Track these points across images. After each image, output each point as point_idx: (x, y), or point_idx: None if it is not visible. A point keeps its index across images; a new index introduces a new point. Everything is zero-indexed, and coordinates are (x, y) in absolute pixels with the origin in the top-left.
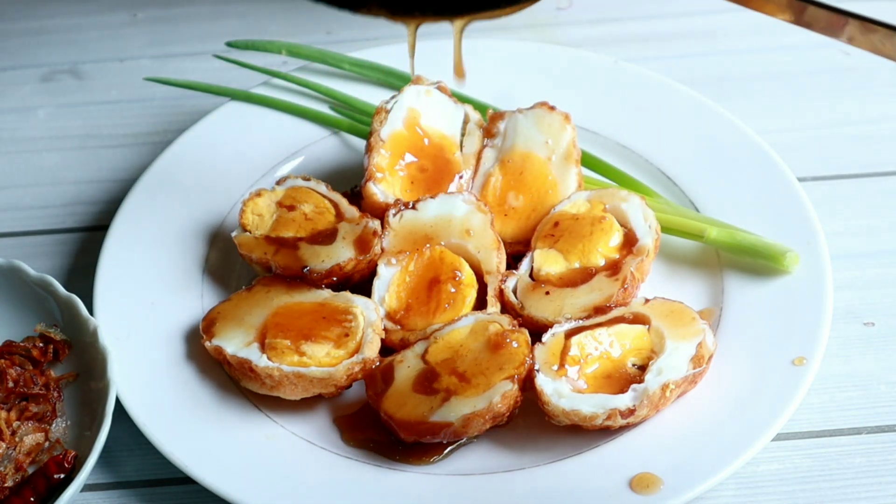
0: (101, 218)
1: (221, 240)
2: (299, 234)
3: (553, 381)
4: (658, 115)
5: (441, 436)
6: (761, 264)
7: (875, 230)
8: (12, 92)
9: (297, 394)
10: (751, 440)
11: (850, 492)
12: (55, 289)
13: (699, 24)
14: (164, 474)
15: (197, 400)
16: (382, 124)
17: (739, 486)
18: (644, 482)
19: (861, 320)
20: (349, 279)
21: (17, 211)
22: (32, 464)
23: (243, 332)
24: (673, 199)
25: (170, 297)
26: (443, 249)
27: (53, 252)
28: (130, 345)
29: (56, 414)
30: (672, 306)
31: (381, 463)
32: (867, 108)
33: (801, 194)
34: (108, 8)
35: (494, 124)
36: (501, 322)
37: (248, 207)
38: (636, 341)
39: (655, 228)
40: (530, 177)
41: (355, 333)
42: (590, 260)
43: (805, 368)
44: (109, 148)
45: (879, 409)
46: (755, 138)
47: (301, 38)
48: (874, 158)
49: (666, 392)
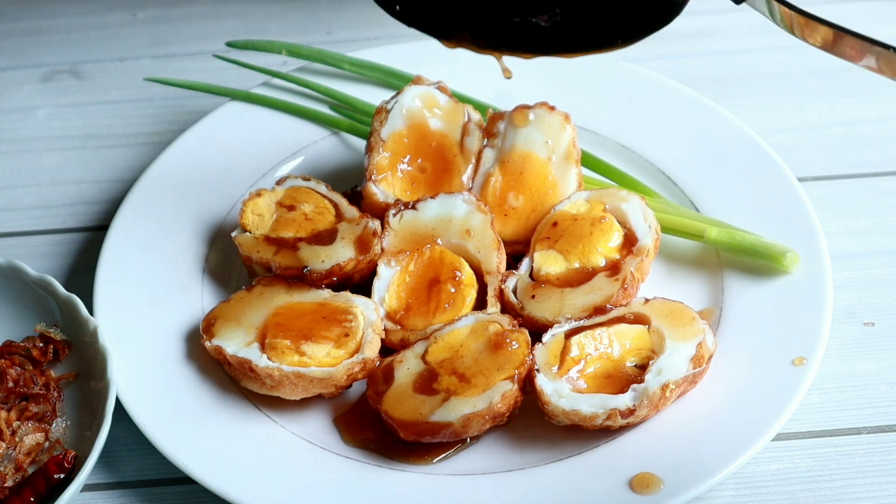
0: (101, 218)
1: (221, 240)
2: (299, 235)
3: (553, 382)
4: (658, 115)
5: (441, 436)
6: (761, 264)
7: (875, 230)
8: (12, 92)
9: (297, 394)
10: (751, 440)
11: (850, 492)
12: (55, 289)
13: (699, 24)
14: (164, 474)
15: (197, 400)
16: (383, 124)
17: (739, 486)
18: (644, 482)
19: (861, 320)
20: (349, 279)
21: (17, 211)
22: (32, 464)
23: (243, 332)
24: (673, 199)
25: (170, 297)
26: (443, 249)
27: (53, 252)
28: (130, 345)
29: (56, 414)
30: (672, 306)
31: (381, 463)
32: (867, 108)
33: (801, 194)
34: (108, 8)
35: (494, 124)
36: (501, 322)
37: (248, 207)
38: (636, 341)
39: (655, 228)
40: (530, 177)
41: (355, 333)
42: (590, 260)
43: (805, 368)
44: (109, 148)
45: (879, 409)
46: (755, 138)
47: (301, 38)
48: (874, 158)
49: (666, 392)
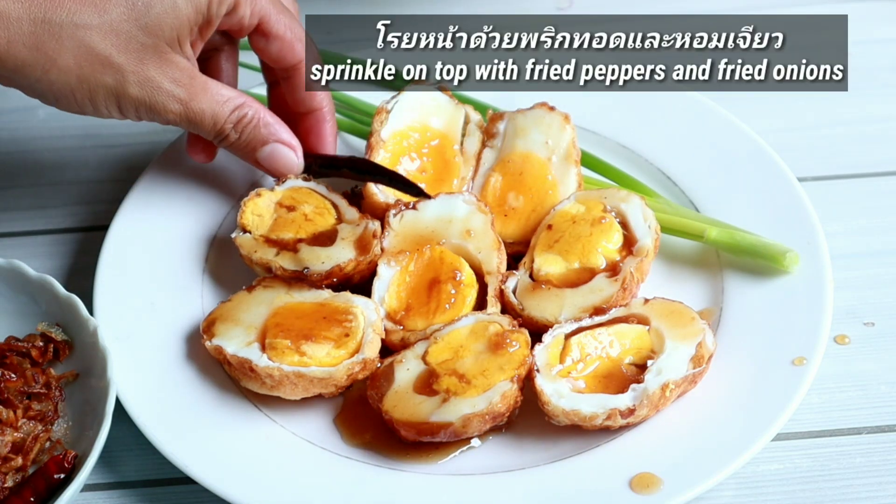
0: (101, 218)
1: (221, 240)
2: (299, 235)
3: (553, 382)
4: (658, 115)
5: (441, 436)
6: (761, 264)
7: (875, 230)
8: (12, 92)
9: (297, 394)
10: (751, 440)
11: (850, 492)
12: (55, 289)
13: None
14: (164, 474)
15: (197, 400)
16: (383, 124)
17: (739, 486)
18: (644, 482)
19: (861, 320)
20: (349, 279)
21: (17, 211)
22: (32, 464)
23: (243, 331)
24: (673, 199)
25: (170, 297)
26: (443, 250)
27: (53, 252)
28: (130, 345)
29: (58, 414)
30: (672, 306)
31: (381, 463)
32: (867, 108)
33: (801, 194)
34: None
35: (494, 125)
36: (501, 322)
37: (248, 208)
38: (636, 341)
39: (655, 228)
40: (530, 177)
41: (356, 333)
42: (589, 260)
43: (805, 368)
44: (109, 148)
45: (879, 409)
46: (755, 138)
47: None
48: (874, 158)
49: (666, 392)
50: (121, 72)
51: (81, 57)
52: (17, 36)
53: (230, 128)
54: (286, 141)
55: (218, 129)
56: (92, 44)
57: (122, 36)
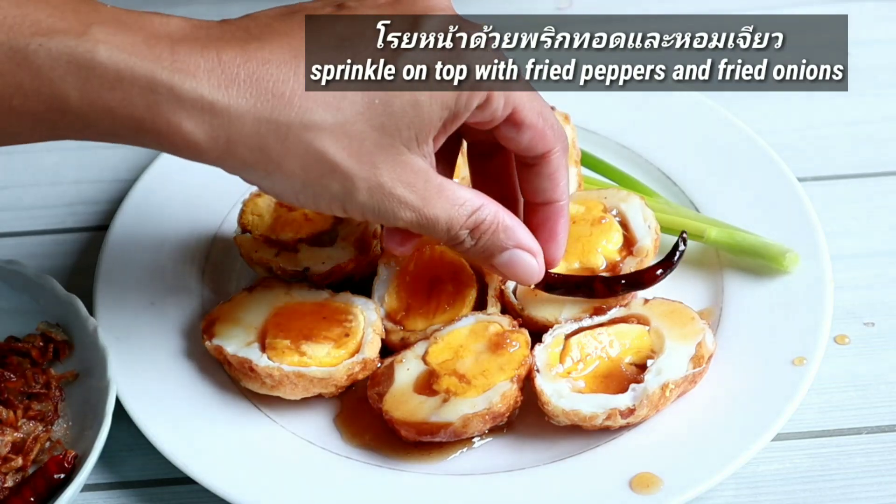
0: (101, 218)
1: (221, 240)
2: (299, 235)
3: (553, 382)
4: (658, 115)
5: (441, 435)
6: (761, 264)
7: (875, 230)
8: None
9: (298, 394)
10: (751, 440)
11: (850, 492)
12: (55, 289)
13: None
14: (164, 474)
15: (197, 400)
16: None
17: (739, 486)
18: (644, 482)
19: (861, 320)
20: (350, 279)
21: (17, 211)
22: (32, 464)
23: (244, 331)
24: (673, 199)
25: (170, 297)
26: (443, 249)
27: (53, 252)
28: (130, 345)
29: (58, 414)
30: (672, 306)
31: (381, 463)
32: (867, 108)
33: (801, 194)
34: None
35: None
36: (501, 323)
37: (248, 208)
38: (636, 341)
39: (655, 229)
40: None
41: (356, 333)
42: (589, 260)
43: (805, 368)
44: (109, 148)
45: (879, 409)
46: (755, 138)
47: None
48: (874, 158)
49: (666, 392)
50: (350, 179)
51: (309, 163)
52: (239, 136)
53: (465, 234)
54: (527, 246)
55: (452, 234)
56: (322, 148)
57: (355, 138)
